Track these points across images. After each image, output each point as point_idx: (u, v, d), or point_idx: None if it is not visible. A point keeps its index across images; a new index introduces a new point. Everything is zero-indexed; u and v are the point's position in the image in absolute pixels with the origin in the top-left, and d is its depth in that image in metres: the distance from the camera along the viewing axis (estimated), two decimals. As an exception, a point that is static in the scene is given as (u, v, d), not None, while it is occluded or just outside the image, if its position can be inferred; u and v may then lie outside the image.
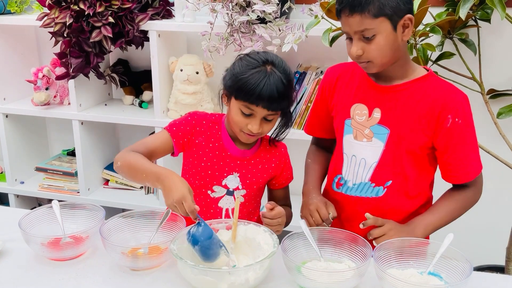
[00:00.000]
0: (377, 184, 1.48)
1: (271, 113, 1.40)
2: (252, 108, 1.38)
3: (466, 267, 1.21)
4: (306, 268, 1.24)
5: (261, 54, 1.42)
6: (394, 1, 1.31)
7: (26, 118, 2.71)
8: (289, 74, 1.41)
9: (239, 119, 1.42)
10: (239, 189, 1.52)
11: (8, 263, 1.39)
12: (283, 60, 1.43)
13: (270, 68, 1.38)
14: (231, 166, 1.51)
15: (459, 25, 2.00)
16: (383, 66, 1.39)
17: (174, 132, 1.49)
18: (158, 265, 1.37)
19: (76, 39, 2.23)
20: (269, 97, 1.36)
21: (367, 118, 1.46)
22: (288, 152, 1.61)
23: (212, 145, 1.50)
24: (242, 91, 1.38)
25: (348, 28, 1.36)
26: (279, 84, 1.36)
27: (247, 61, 1.40)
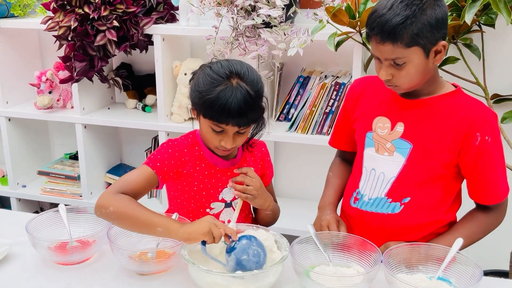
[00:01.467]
0: (394, 200, 1.44)
1: (242, 128, 1.36)
2: (222, 126, 1.34)
3: (476, 272, 1.21)
4: (315, 273, 1.24)
5: (224, 66, 1.34)
6: (428, 29, 1.27)
7: (28, 121, 2.70)
8: (257, 84, 1.35)
9: (211, 137, 1.38)
10: (236, 198, 1.50)
11: (15, 267, 1.39)
12: (249, 67, 1.37)
13: (236, 81, 1.32)
14: (223, 179, 1.49)
15: (463, 30, 2.01)
16: (410, 89, 1.37)
17: (158, 168, 1.42)
18: (165, 270, 1.37)
19: (80, 43, 2.23)
20: (238, 114, 1.31)
21: (389, 132, 1.43)
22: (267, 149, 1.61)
23: (199, 167, 1.47)
24: (209, 111, 1.32)
25: (379, 54, 1.33)
26: (247, 99, 1.31)
27: (211, 77, 1.33)
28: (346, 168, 1.63)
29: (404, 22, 1.25)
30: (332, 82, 2.18)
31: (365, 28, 1.37)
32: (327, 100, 2.18)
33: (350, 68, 2.20)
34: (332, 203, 1.57)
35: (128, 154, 2.83)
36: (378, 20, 1.28)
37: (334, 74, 2.29)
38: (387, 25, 1.27)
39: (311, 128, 2.21)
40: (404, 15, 1.26)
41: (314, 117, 2.20)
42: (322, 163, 2.07)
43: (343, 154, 1.68)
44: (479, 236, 1.44)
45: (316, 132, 2.21)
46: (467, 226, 1.44)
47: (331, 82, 2.18)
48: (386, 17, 1.27)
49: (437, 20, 1.28)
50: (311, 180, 2.52)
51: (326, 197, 1.60)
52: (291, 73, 2.41)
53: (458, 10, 1.98)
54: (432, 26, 1.27)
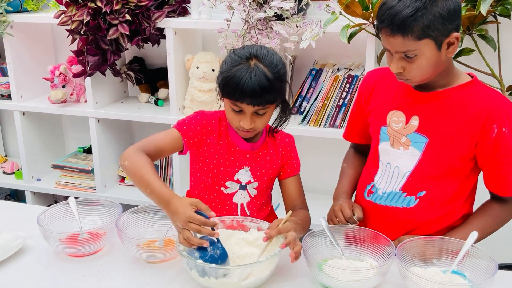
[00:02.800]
0: (409, 194, 1.42)
1: (259, 108, 1.37)
2: (238, 105, 1.37)
3: (491, 265, 1.20)
4: (328, 266, 1.24)
5: (247, 48, 1.39)
6: (440, 21, 1.24)
7: (42, 116, 2.73)
8: (276, 66, 1.37)
9: (231, 117, 1.42)
10: (251, 182, 1.52)
11: (30, 260, 1.40)
12: (272, 52, 1.40)
13: (254, 63, 1.35)
14: (241, 160, 1.50)
15: (479, 21, 1.98)
16: (423, 81, 1.35)
17: (184, 131, 1.47)
18: (173, 258, 1.39)
19: (93, 37, 2.24)
20: (252, 93, 1.33)
21: (404, 126, 1.41)
22: (294, 141, 1.59)
23: (222, 142, 1.50)
24: (226, 89, 1.37)
25: (389, 46, 1.31)
26: (262, 79, 1.33)
27: (232, 58, 1.39)
28: (360, 159, 1.62)
29: (414, 14, 1.23)
30: (345, 74, 2.16)
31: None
32: (340, 93, 2.16)
33: (363, 60, 2.18)
34: (346, 192, 1.57)
35: (141, 148, 2.84)
36: (388, 12, 1.26)
37: (347, 66, 2.27)
38: (397, 17, 1.24)
39: (324, 122, 2.20)
40: (414, 7, 1.23)
41: (326, 110, 2.19)
42: (334, 156, 2.06)
43: (357, 145, 1.67)
44: (494, 229, 1.42)
45: (328, 125, 2.20)
46: (482, 218, 1.42)
47: (344, 75, 2.16)
48: (396, 9, 1.25)
49: (449, 12, 1.25)
50: (324, 173, 2.50)
51: (340, 187, 1.60)
52: (304, 66, 2.39)
53: (473, 0, 1.95)
54: (443, 18, 1.24)
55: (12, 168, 2.86)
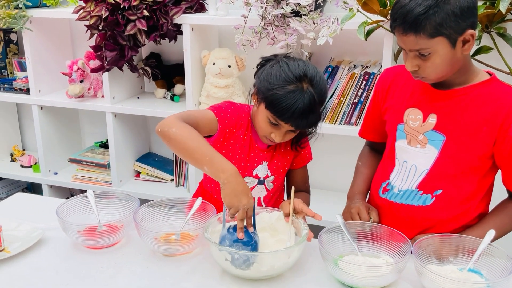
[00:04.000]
0: (425, 192, 1.42)
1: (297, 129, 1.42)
2: (279, 122, 1.39)
3: (508, 264, 1.19)
4: (344, 262, 1.24)
5: (301, 67, 1.37)
6: (452, 19, 1.23)
7: (60, 110, 2.76)
8: (324, 93, 1.40)
9: (265, 127, 1.43)
10: (268, 176, 1.54)
11: (48, 251, 1.43)
12: (321, 75, 1.41)
13: (307, 86, 1.35)
14: (260, 156, 1.53)
15: (498, 19, 1.96)
16: (439, 79, 1.35)
17: (221, 118, 1.47)
18: (189, 251, 1.41)
19: (111, 32, 2.26)
20: (299, 117, 1.36)
21: (421, 124, 1.41)
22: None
23: (247, 137, 1.52)
24: (274, 106, 1.36)
25: (403, 45, 1.31)
26: (312, 103, 1.35)
27: (285, 73, 1.36)
28: (375, 158, 1.62)
29: (426, 13, 1.22)
30: (361, 72, 2.16)
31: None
32: (356, 90, 2.16)
33: (380, 58, 2.17)
34: (361, 192, 1.57)
35: (157, 143, 2.87)
36: (400, 11, 1.26)
37: (363, 64, 2.27)
38: (408, 15, 1.24)
39: (339, 119, 2.20)
40: (426, 5, 1.22)
41: (342, 108, 2.19)
42: (350, 153, 2.06)
43: (372, 143, 1.67)
44: (511, 228, 1.41)
45: (344, 123, 2.20)
46: (499, 217, 1.42)
47: (360, 72, 2.16)
48: (407, 8, 1.24)
49: (462, 9, 1.23)
50: (339, 170, 2.50)
51: (355, 186, 1.59)
52: (320, 63, 2.39)
53: (493, -2, 1.93)
54: (456, 15, 1.23)
55: (30, 162, 2.90)
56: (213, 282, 1.28)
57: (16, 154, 3.00)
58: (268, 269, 1.25)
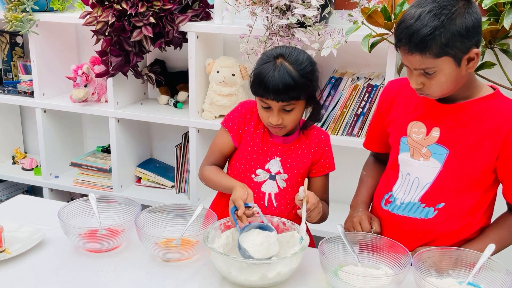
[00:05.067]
0: (428, 205, 1.42)
1: (284, 104, 1.43)
2: (265, 101, 1.45)
3: (507, 279, 1.20)
4: (344, 272, 1.24)
5: (276, 49, 1.48)
6: (458, 39, 1.23)
7: (63, 114, 2.77)
8: (301, 63, 1.43)
9: (261, 114, 1.50)
10: (281, 173, 1.55)
11: (49, 253, 1.43)
12: (299, 51, 1.47)
13: (280, 61, 1.43)
14: (273, 150, 1.56)
15: (501, 35, 1.97)
16: (443, 96, 1.36)
17: (229, 127, 1.58)
18: (189, 257, 1.41)
19: (117, 38, 2.27)
20: (274, 90, 1.40)
21: (424, 137, 1.41)
22: (329, 140, 1.62)
23: (259, 130, 1.57)
24: (253, 86, 1.46)
25: (408, 64, 1.31)
26: (285, 75, 1.40)
27: (262, 58, 1.48)
28: (380, 168, 1.63)
29: (432, 33, 1.23)
30: (364, 84, 2.17)
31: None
32: (359, 102, 2.17)
33: (383, 70, 2.18)
34: (364, 202, 1.57)
35: (159, 149, 2.87)
36: (406, 31, 1.26)
37: (366, 76, 2.28)
38: (414, 36, 1.24)
39: (342, 130, 2.21)
40: (432, 26, 1.23)
41: (344, 119, 2.20)
42: (352, 164, 2.07)
43: (377, 154, 1.67)
44: (511, 241, 1.42)
45: (346, 134, 2.21)
46: (499, 231, 1.42)
47: (363, 84, 2.17)
48: (413, 28, 1.25)
49: (468, 29, 1.24)
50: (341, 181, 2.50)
51: (359, 196, 1.60)
52: (323, 74, 2.39)
53: (496, 15, 1.95)
54: (462, 35, 1.24)
55: (31, 164, 2.91)
56: (213, 289, 1.29)
57: (18, 156, 3.01)
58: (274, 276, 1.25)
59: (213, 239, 1.37)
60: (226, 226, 1.42)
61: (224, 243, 1.37)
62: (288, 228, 1.41)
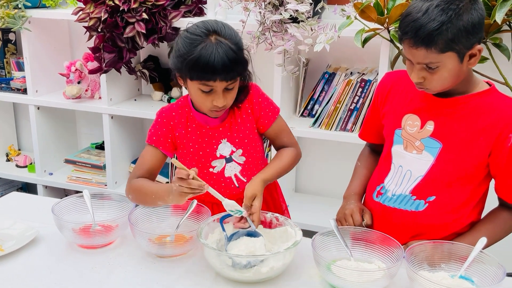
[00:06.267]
0: (418, 198, 1.43)
1: (230, 83, 1.37)
2: (210, 84, 1.35)
3: (499, 272, 1.20)
4: (337, 266, 1.25)
5: (200, 25, 1.37)
6: (464, 35, 1.23)
7: (57, 110, 2.76)
8: (235, 37, 1.37)
9: (202, 100, 1.39)
10: (234, 151, 1.52)
11: (42, 250, 1.43)
12: (223, 23, 1.39)
13: (214, 38, 1.34)
14: (216, 135, 1.51)
15: (493, 29, 1.98)
16: (442, 90, 1.36)
17: (156, 141, 1.50)
18: (183, 253, 1.41)
19: (110, 34, 2.27)
20: (223, 69, 1.32)
21: (418, 130, 1.42)
22: (259, 89, 1.55)
23: (191, 128, 1.51)
24: (195, 71, 1.34)
25: (411, 57, 1.31)
26: (229, 52, 1.32)
27: (189, 39, 1.35)
28: (374, 159, 1.63)
29: (439, 28, 1.22)
30: (357, 79, 2.17)
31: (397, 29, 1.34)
32: (352, 97, 2.18)
33: (376, 65, 2.19)
34: (357, 193, 1.58)
35: (153, 146, 2.87)
36: (412, 24, 1.25)
37: (360, 71, 2.28)
38: (421, 30, 1.24)
39: (335, 125, 2.21)
40: (439, 21, 1.22)
41: (338, 114, 2.20)
42: (345, 159, 2.08)
43: (372, 145, 1.67)
44: (501, 236, 1.42)
45: (340, 129, 2.21)
46: (490, 225, 1.42)
47: (357, 79, 2.17)
48: (420, 22, 1.24)
49: (473, 25, 1.24)
50: (334, 176, 2.52)
51: (352, 187, 1.61)
52: (317, 69, 2.40)
53: (489, 9, 1.95)
54: (468, 31, 1.23)
55: (25, 162, 2.90)
56: (207, 284, 1.29)
57: (12, 153, 3.00)
58: (268, 271, 1.25)
59: (207, 234, 1.37)
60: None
61: (217, 238, 1.37)
62: (281, 223, 1.41)
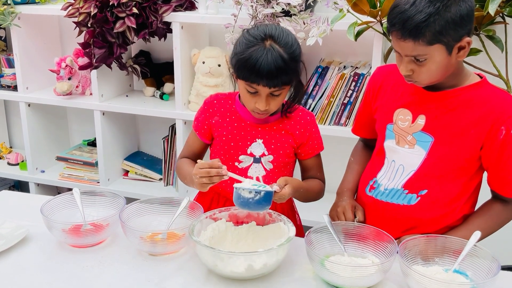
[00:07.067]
0: (410, 191, 1.42)
1: (274, 89, 1.38)
2: (254, 87, 1.38)
3: (493, 266, 1.20)
4: (330, 262, 1.24)
5: (261, 28, 1.39)
6: (452, 27, 1.22)
7: (48, 107, 2.73)
8: (291, 46, 1.38)
9: (246, 99, 1.44)
10: (265, 155, 1.53)
11: (32, 249, 1.41)
12: (287, 31, 1.41)
13: (269, 43, 1.36)
14: (253, 133, 1.52)
15: (486, 21, 1.97)
16: (431, 83, 1.35)
17: (196, 126, 1.58)
18: (175, 251, 1.40)
19: (100, 30, 2.24)
20: (268, 75, 1.34)
21: (410, 125, 1.41)
22: (315, 121, 1.59)
23: (229, 118, 1.53)
24: (242, 71, 1.38)
25: (399, 49, 1.30)
26: (278, 59, 1.34)
27: (246, 39, 1.39)
28: (368, 154, 1.62)
29: (426, 20, 1.21)
30: (351, 72, 2.16)
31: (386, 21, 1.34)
32: (346, 91, 2.16)
33: (369, 58, 2.17)
34: (350, 189, 1.57)
35: (146, 142, 2.85)
36: (400, 16, 1.25)
37: (353, 65, 2.27)
38: (408, 22, 1.23)
39: (329, 119, 2.20)
40: (427, 13, 1.21)
41: (332, 108, 2.19)
42: (339, 154, 2.06)
43: (366, 140, 1.67)
44: (495, 229, 1.42)
45: (333, 123, 2.20)
46: (483, 218, 1.42)
47: (350, 73, 2.16)
48: (408, 14, 1.23)
49: (462, 17, 1.23)
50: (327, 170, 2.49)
51: (345, 183, 1.60)
52: (310, 63, 2.38)
53: (482, 1, 1.94)
54: (456, 23, 1.22)
55: (17, 159, 2.87)
56: (199, 282, 1.28)
57: (3, 151, 2.97)
58: (261, 267, 1.24)
59: (199, 231, 1.36)
60: (212, 218, 1.41)
61: (210, 235, 1.36)
62: (274, 220, 1.40)
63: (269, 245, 1.33)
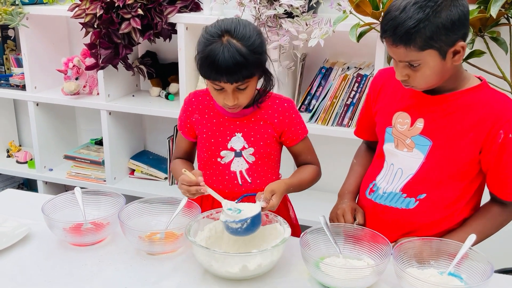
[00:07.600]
0: (409, 195, 1.42)
1: (238, 84, 1.37)
2: (217, 84, 1.38)
3: (487, 268, 1.19)
4: (325, 264, 1.24)
5: (218, 24, 1.37)
6: (443, 32, 1.22)
7: (56, 107, 2.77)
8: (249, 38, 1.35)
9: (215, 96, 1.44)
10: (246, 148, 1.52)
11: (33, 248, 1.43)
12: (245, 23, 1.38)
13: (226, 39, 1.34)
14: (231, 127, 1.52)
15: (491, 23, 1.96)
16: (428, 88, 1.34)
17: (179, 125, 1.61)
18: (173, 250, 1.41)
19: (106, 31, 2.26)
20: (227, 71, 1.33)
21: (409, 128, 1.41)
22: (294, 107, 1.56)
23: (208, 115, 1.54)
24: (203, 69, 1.38)
25: (393, 55, 1.30)
26: (235, 55, 1.32)
27: (205, 37, 1.37)
28: (371, 157, 1.61)
29: (416, 26, 1.21)
30: (354, 74, 2.16)
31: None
32: (349, 92, 2.16)
33: (373, 60, 2.17)
34: (351, 192, 1.58)
35: (152, 141, 2.88)
36: (391, 23, 1.25)
37: (356, 66, 2.27)
38: (399, 28, 1.23)
39: (332, 120, 2.20)
40: (416, 19, 1.21)
41: (335, 109, 2.19)
42: (341, 154, 2.07)
43: (369, 142, 1.66)
44: (492, 232, 1.41)
45: (336, 124, 2.20)
46: (481, 221, 1.41)
47: (353, 74, 2.16)
48: (398, 20, 1.23)
49: (453, 22, 1.22)
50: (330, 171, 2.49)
51: (347, 185, 1.60)
52: (314, 64, 2.39)
53: (486, 2, 1.93)
54: (447, 28, 1.22)
55: (25, 157, 2.92)
56: (195, 282, 1.29)
57: (12, 149, 3.02)
58: (255, 268, 1.25)
59: (196, 232, 1.37)
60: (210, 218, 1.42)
61: (207, 236, 1.37)
62: (270, 221, 1.41)
63: (265, 246, 1.34)
